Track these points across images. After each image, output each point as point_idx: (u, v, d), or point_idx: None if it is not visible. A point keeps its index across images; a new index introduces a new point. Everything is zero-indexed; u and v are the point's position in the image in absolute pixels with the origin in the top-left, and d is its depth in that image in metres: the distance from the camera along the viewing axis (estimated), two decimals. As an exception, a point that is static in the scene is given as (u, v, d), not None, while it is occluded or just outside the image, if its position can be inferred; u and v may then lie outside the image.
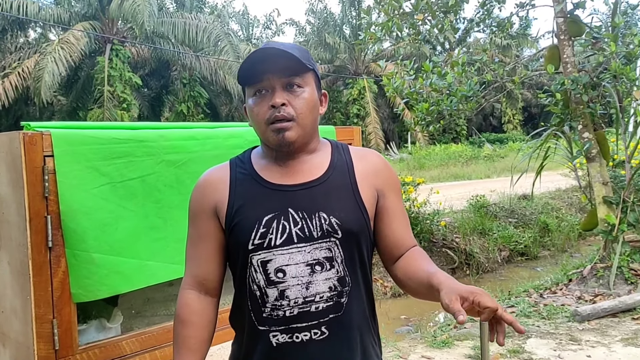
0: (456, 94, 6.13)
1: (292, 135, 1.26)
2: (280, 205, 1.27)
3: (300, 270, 1.25)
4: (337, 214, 1.26)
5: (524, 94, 33.66)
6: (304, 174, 1.30)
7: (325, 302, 1.25)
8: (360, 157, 1.38)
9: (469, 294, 1.09)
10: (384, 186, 1.35)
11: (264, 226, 1.25)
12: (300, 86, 1.27)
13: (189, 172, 2.03)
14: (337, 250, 1.26)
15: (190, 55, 21.47)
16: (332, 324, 1.26)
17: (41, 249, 1.68)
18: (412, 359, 3.92)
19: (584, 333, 4.22)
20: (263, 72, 1.26)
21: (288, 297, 1.24)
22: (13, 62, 20.23)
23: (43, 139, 1.68)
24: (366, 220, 1.30)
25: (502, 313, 1.07)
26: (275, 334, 1.25)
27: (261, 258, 1.26)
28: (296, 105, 1.26)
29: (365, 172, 1.34)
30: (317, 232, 1.25)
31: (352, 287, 1.28)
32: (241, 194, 1.30)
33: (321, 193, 1.28)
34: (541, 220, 9.66)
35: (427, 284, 1.21)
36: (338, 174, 1.32)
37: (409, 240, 1.37)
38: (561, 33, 5.81)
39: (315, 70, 1.32)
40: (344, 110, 28.23)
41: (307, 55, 1.31)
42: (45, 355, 1.69)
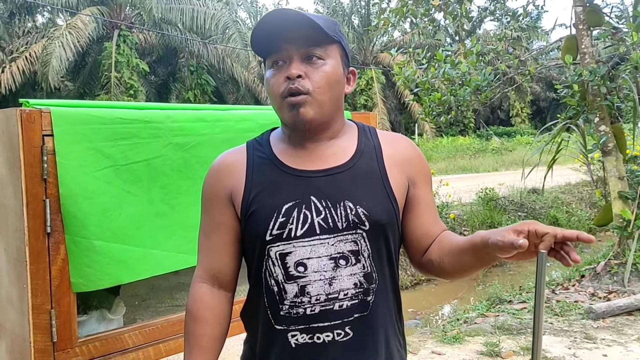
0: (470, 83, 5.99)
1: (308, 112, 1.13)
2: (302, 192, 1.14)
3: (322, 264, 1.12)
4: (365, 204, 1.14)
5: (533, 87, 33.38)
6: (328, 159, 1.18)
7: (350, 300, 1.13)
8: (389, 142, 1.25)
9: (522, 226, 1.00)
10: (415, 175, 1.24)
11: (283, 215, 1.13)
12: (321, 58, 1.14)
13: (198, 156, 1.92)
14: (364, 244, 1.14)
15: (197, 43, 21.30)
16: (357, 324, 1.14)
17: (39, 234, 1.58)
18: (422, 354, 3.82)
19: (599, 331, 4.10)
20: (281, 40, 1.13)
21: (309, 293, 1.12)
22: (21, 47, 20.14)
23: (42, 117, 1.57)
24: (396, 211, 1.18)
25: (564, 232, 0.98)
26: (294, 333, 1.13)
27: (280, 250, 1.13)
28: (314, 78, 1.13)
29: (395, 158, 1.22)
30: (342, 223, 1.13)
31: (379, 284, 1.16)
32: (259, 179, 1.18)
33: (347, 180, 1.16)
34: (551, 215, 9.52)
35: (470, 248, 1.11)
36: (365, 159, 1.20)
37: (439, 228, 1.26)
38: (579, 22, 5.64)
39: (342, 42, 1.19)
40: (351, 101, 28.03)
41: (333, 26, 1.17)
42: (42, 348, 1.59)
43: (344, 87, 1.21)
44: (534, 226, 0.99)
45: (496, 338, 3.95)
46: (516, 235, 0.99)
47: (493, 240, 1.02)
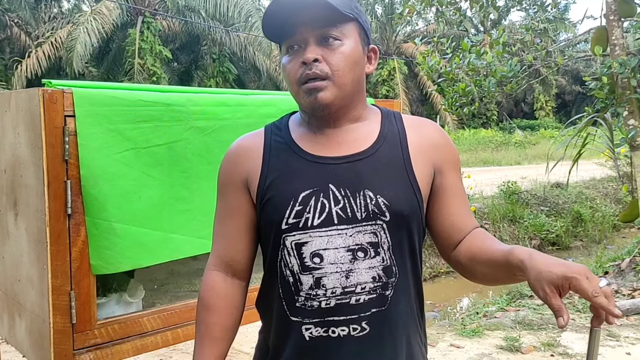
0: (495, 74, 5.88)
1: (327, 97, 1.08)
2: (320, 180, 1.09)
3: (340, 256, 1.07)
4: (386, 193, 1.08)
5: (559, 80, 32.81)
6: (349, 146, 1.12)
7: (368, 294, 1.08)
8: (415, 127, 1.19)
9: (562, 280, 0.90)
10: (442, 163, 1.17)
11: (300, 203, 1.08)
12: (338, 39, 1.08)
13: (219, 141, 1.90)
14: (384, 235, 1.08)
15: (220, 30, 21.32)
16: (375, 319, 1.09)
17: (60, 216, 1.57)
18: (440, 346, 3.78)
19: (622, 329, 4.01)
20: (294, 24, 1.07)
21: (325, 286, 1.07)
22: (46, 32, 20.38)
23: (64, 98, 1.56)
24: (419, 201, 1.12)
25: (595, 300, 0.89)
26: (309, 326, 1.09)
27: (296, 240, 1.09)
28: (332, 61, 1.07)
29: (420, 145, 1.16)
30: (361, 213, 1.08)
31: (399, 278, 1.11)
32: (276, 165, 1.14)
33: (368, 168, 1.10)
34: (574, 210, 9.35)
35: (504, 265, 1.02)
36: (388, 146, 1.14)
37: (471, 221, 1.18)
38: (610, 13, 5.49)
39: (359, 20, 1.12)
40: (373, 91, 27.86)
41: (349, 2, 1.10)
42: (61, 329, 1.59)
43: (365, 67, 1.15)
44: (575, 283, 0.90)
45: (516, 333, 3.90)
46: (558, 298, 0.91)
47: (533, 286, 0.94)
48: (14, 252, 1.75)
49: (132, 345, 1.75)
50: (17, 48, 21.00)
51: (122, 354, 1.73)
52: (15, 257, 1.75)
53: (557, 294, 0.91)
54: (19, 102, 1.64)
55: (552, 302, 0.90)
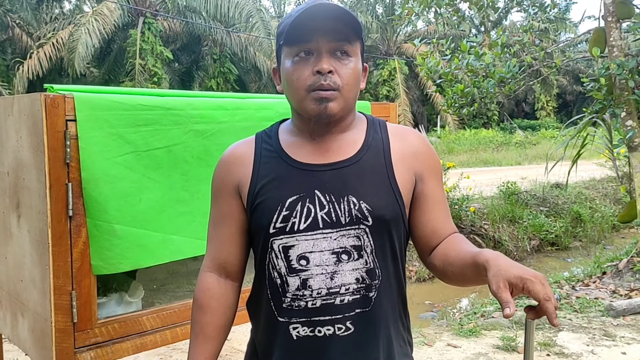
0: (494, 75, 5.91)
1: (335, 107, 1.13)
2: (306, 186, 1.14)
3: (325, 258, 1.13)
4: (369, 199, 1.13)
5: (560, 80, 32.82)
6: (335, 153, 1.18)
7: (352, 295, 1.13)
8: (398, 136, 1.24)
9: (518, 280, 0.95)
10: (423, 170, 1.22)
11: (287, 208, 1.14)
12: (349, 55, 1.14)
13: (218, 144, 1.93)
14: (367, 239, 1.13)
15: (221, 31, 21.36)
16: (359, 319, 1.14)
17: (61, 217, 1.61)
18: (437, 346, 3.82)
19: (618, 329, 4.05)
20: (312, 31, 1.11)
21: (311, 287, 1.13)
22: (48, 33, 20.44)
23: (66, 102, 1.60)
24: (400, 207, 1.17)
25: (545, 304, 0.93)
26: (296, 326, 1.14)
27: (283, 243, 1.14)
28: (343, 75, 1.12)
29: (403, 153, 1.21)
30: (345, 218, 1.13)
31: (382, 280, 1.16)
32: (265, 172, 1.19)
33: (352, 175, 1.15)
34: (574, 210, 9.38)
35: (471, 265, 1.06)
36: (372, 154, 1.19)
37: (449, 227, 1.23)
38: (608, 15, 5.53)
39: (362, 40, 1.19)
40: (374, 92, 27.88)
41: (358, 22, 1.15)
42: (63, 328, 1.63)
43: (360, 82, 1.20)
44: (529, 285, 0.94)
45: (513, 332, 3.94)
46: (509, 293, 0.94)
47: (489, 282, 0.98)
48: (16, 252, 1.79)
49: (132, 344, 1.78)
50: (19, 49, 21.06)
51: (122, 352, 1.77)
52: (18, 258, 1.79)
53: (510, 291, 0.95)
54: (21, 106, 1.68)
55: (502, 294, 0.94)
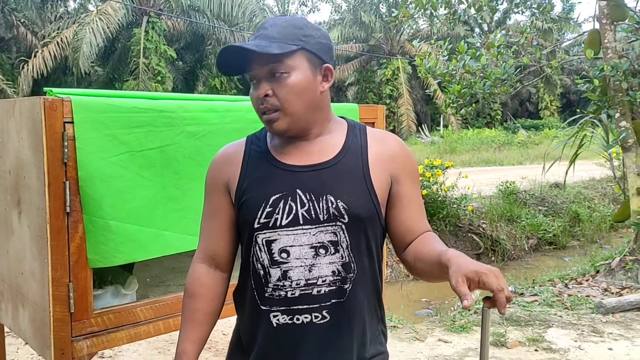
0: (490, 76, 5.99)
1: (281, 125, 1.23)
2: (289, 185, 1.24)
3: (304, 252, 1.23)
4: (345, 198, 1.23)
5: (563, 79, 32.80)
6: (315, 156, 1.27)
7: (328, 286, 1.23)
8: (377, 140, 1.32)
9: (474, 275, 1.04)
10: (399, 172, 1.30)
11: (270, 205, 1.24)
12: (285, 72, 1.20)
13: (209, 145, 2.03)
14: (343, 235, 1.23)
15: (225, 30, 21.49)
16: (334, 309, 1.23)
17: (59, 214, 1.71)
18: (429, 341, 3.91)
19: (607, 325, 4.13)
20: (251, 61, 1.22)
21: (290, 278, 1.23)
22: (52, 32, 20.61)
23: (63, 105, 1.70)
24: (375, 206, 1.26)
25: (497, 294, 1.03)
26: (276, 314, 1.24)
27: (266, 237, 1.24)
28: (280, 94, 1.21)
29: (379, 156, 1.29)
30: (323, 215, 1.22)
31: (357, 274, 1.25)
32: (252, 172, 1.29)
33: (331, 175, 1.25)
34: (572, 210, 9.45)
35: (437, 263, 1.16)
36: (350, 156, 1.28)
37: (422, 226, 1.32)
38: (603, 17, 5.60)
39: (306, 47, 1.22)
40: (377, 91, 27.96)
41: (297, 31, 1.22)
42: (60, 318, 1.73)
43: (317, 89, 1.25)
44: (484, 278, 1.03)
45: (503, 328, 4.02)
46: (466, 286, 1.03)
47: (449, 278, 1.07)
48: (17, 247, 1.90)
49: (126, 334, 1.89)
50: (24, 47, 21.24)
51: (117, 341, 1.87)
52: (18, 252, 1.89)
53: (467, 285, 1.04)
54: (22, 109, 1.78)
55: (460, 288, 1.03)
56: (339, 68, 27.82)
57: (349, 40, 28.80)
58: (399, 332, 4.12)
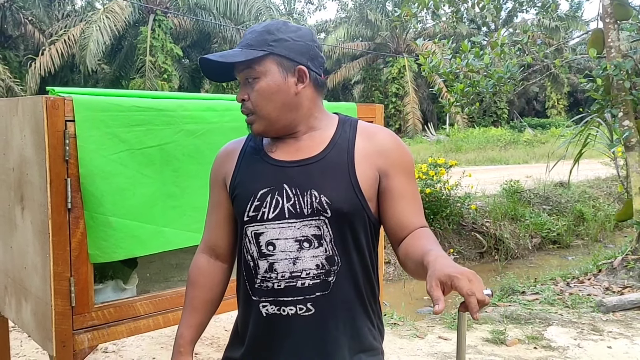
0: (493, 75, 6.00)
1: (258, 128, 1.30)
2: (276, 180, 1.29)
3: (289, 245, 1.26)
4: (328, 193, 1.25)
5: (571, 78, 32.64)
6: (303, 151, 1.31)
7: (312, 279, 1.26)
8: (366, 135, 1.34)
9: (447, 278, 1.02)
10: (388, 167, 1.30)
11: (258, 199, 1.28)
12: (256, 77, 1.27)
13: (208, 143, 2.07)
14: (326, 229, 1.26)
15: (231, 28, 21.57)
16: (319, 301, 1.26)
17: (61, 210, 1.75)
18: (429, 338, 3.94)
19: (607, 324, 4.15)
20: (233, 68, 1.31)
21: (276, 270, 1.27)
22: (60, 30, 20.74)
23: (65, 104, 1.74)
24: (361, 201, 1.27)
25: (467, 298, 1.00)
26: (265, 304, 1.28)
27: (254, 230, 1.29)
28: (252, 99, 1.28)
29: (366, 151, 1.31)
30: (307, 209, 1.25)
31: (342, 267, 1.27)
32: (244, 167, 1.35)
33: (316, 171, 1.28)
34: (576, 209, 9.44)
35: (420, 264, 1.16)
36: (337, 152, 1.30)
37: (417, 222, 1.31)
38: (606, 16, 5.60)
39: (273, 52, 1.26)
40: (383, 89, 27.95)
41: (266, 37, 1.27)
42: (62, 311, 1.77)
43: (290, 91, 1.28)
44: (455, 282, 1.01)
45: (503, 326, 4.04)
46: (439, 290, 1.01)
47: (426, 278, 1.06)
48: (20, 242, 1.94)
49: (126, 327, 1.93)
50: (31, 45, 21.39)
51: (117, 335, 1.92)
52: (21, 247, 1.94)
53: (441, 289, 1.03)
54: (25, 107, 1.83)
55: (433, 292, 1.01)
56: (345, 66, 27.84)
57: (355, 38, 28.81)
58: (400, 329, 4.15)
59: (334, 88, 28.51)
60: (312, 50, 1.31)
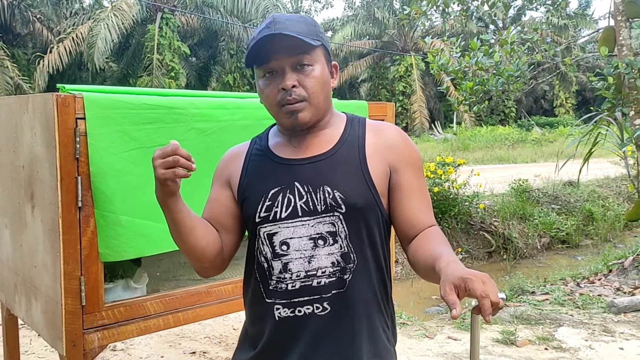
0: (502, 73, 5.96)
1: (306, 116, 1.26)
2: (287, 178, 1.27)
3: (303, 243, 1.24)
4: (342, 188, 1.24)
5: (579, 77, 32.44)
6: (313, 148, 1.30)
7: (328, 277, 1.24)
8: (375, 131, 1.33)
9: (460, 281, 1.00)
10: (398, 162, 1.30)
11: (269, 199, 1.27)
12: (310, 64, 1.25)
13: (219, 141, 2.05)
14: (341, 225, 1.24)
15: (238, 26, 21.55)
16: (335, 300, 1.24)
17: (71, 208, 1.74)
18: (438, 338, 3.91)
19: (618, 325, 4.10)
20: (271, 52, 1.23)
21: (291, 270, 1.25)
22: (68, 28, 20.78)
23: (75, 102, 1.73)
24: (374, 196, 1.26)
25: (481, 300, 0.97)
26: (279, 307, 1.26)
27: (267, 231, 1.27)
28: (307, 85, 1.24)
29: (377, 146, 1.30)
30: (321, 206, 1.24)
31: (357, 264, 1.26)
32: (252, 169, 1.34)
33: (327, 167, 1.27)
34: (586, 208, 9.37)
35: (432, 268, 1.14)
36: (347, 148, 1.29)
37: (426, 219, 1.29)
38: (618, 14, 5.54)
39: (324, 43, 1.28)
40: (390, 87, 27.88)
41: (314, 29, 1.27)
42: (72, 310, 1.76)
43: (331, 84, 1.31)
44: (469, 284, 0.99)
45: (513, 327, 4.01)
46: (454, 295, 0.99)
47: (440, 287, 1.04)
48: (30, 240, 1.94)
49: (136, 327, 1.92)
50: (39, 43, 21.45)
51: (127, 334, 1.91)
52: (31, 245, 1.93)
53: (456, 293, 1.00)
54: (35, 105, 1.82)
55: (448, 297, 0.99)
56: (352, 64, 27.77)
57: (362, 36, 28.74)
58: (409, 329, 4.13)
59: (341, 86, 28.48)
60: None
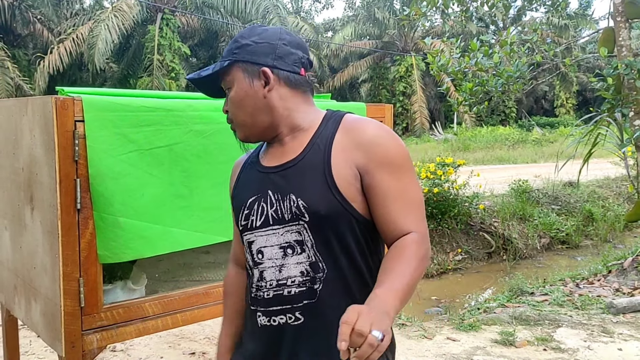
0: (502, 74, 5.96)
1: (240, 135, 1.31)
2: (263, 187, 1.27)
3: (274, 252, 1.23)
4: (305, 196, 1.19)
5: (580, 77, 32.43)
6: (286, 155, 1.26)
7: (298, 287, 1.21)
8: (346, 129, 1.22)
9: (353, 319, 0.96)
10: (367, 162, 1.18)
11: (247, 208, 1.28)
12: (228, 87, 1.28)
13: (217, 143, 2.06)
14: (307, 234, 1.20)
15: (238, 27, 21.54)
16: (307, 310, 1.21)
17: (70, 210, 1.75)
18: (437, 339, 3.92)
19: (617, 326, 4.11)
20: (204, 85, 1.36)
21: (265, 278, 1.25)
22: (68, 28, 20.81)
23: (74, 104, 1.73)
24: (340, 202, 1.18)
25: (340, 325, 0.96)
26: (260, 314, 1.27)
27: (247, 239, 1.29)
28: (229, 109, 1.30)
29: (343, 146, 1.20)
30: (287, 215, 1.21)
31: (328, 273, 1.20)
32: (242, 179, 1.36)
33: (294, 174, 1.23)
34: (586, 209, 9.37)
35: None
36: (314, 151, 1.22)
37: (403, 225, 1.17)
38: (617, 14, 5.54)
39: (237, 59, 1.24)
40: (390, 88, 27.88)
41: (232, 45, 1.27)
42: (71, 312, 1.77)
43: (259, 94, 1.23)
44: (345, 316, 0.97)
45: (512, 328, 4.02)
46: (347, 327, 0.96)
47: None
48: (30, 242, 1.94)
49: (135, 328, 1.93)
50: (40, 44, 21.48)
51: (125, 335, 1.91)
52: (31, 247, 1.94)
53: None
54: (34, 107, 1.83)
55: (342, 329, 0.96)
56: (352, 65, 27.78)
57: (363, 37, 28.75)
58: (408, 329, 4.13)
59: (341, 87, 28.46)
60: (279, 48, 1.24)
